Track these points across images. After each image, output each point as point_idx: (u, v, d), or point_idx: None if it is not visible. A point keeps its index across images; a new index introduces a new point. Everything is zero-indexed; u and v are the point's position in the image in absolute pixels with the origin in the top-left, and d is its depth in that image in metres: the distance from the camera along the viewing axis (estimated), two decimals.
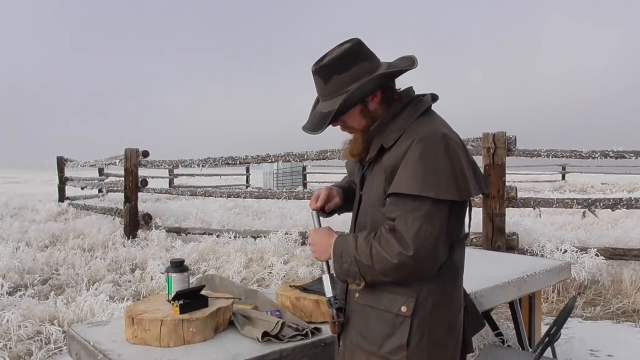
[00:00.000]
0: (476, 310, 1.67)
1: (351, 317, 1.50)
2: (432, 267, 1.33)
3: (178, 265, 1.92)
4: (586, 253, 4.93)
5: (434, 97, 1.48)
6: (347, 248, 1.40)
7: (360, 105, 1.43)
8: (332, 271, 1.51)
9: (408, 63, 1.43)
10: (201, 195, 8.26)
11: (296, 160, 6.59)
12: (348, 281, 1.44)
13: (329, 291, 1.52)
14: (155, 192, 8.66)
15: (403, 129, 1.39)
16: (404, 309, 1.37)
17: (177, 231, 7.50)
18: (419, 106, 1.43)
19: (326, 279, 1.54)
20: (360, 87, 1.39)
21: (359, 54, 1.41)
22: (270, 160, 6.74)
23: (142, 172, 8.22)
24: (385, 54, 1.57)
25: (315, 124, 1.45)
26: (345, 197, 1.67)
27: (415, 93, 1.49)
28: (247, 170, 20.63)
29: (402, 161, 1.33)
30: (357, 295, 1.46)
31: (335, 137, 1.60)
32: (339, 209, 1.69)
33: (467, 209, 1.46)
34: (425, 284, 1.37)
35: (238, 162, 6.97)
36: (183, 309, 1.79)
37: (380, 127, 1.44)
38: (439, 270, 1.36)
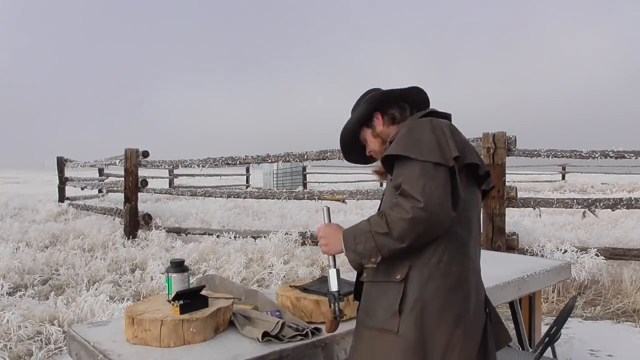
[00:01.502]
0: (501, 323, 1.65)
1: (360, 300, 1.59)
2: (444, 219, 1.39)
3: (178, 266, 1.92)
4: (586, 253, 4.93)
5: (445, 114, 1.65)
6: (359, 229, 1.46)
7: (368, 129, 1.71)
8: (338, 267, 1.58)
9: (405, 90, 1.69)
10: (201, 196, 8.26)
11: (296, 161, 6.59)
12: (363, 262, 1.46)
13: (334, 285, 1.53)
14: (155, 192, 8.66)
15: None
16: (398, 276, 1.45)
17: (177, 231, 7.50)
18: (419, 113, 1.63)
19: (332, 273, 1.55)
20: (356, 112, 1.71)
21: (368, 96, 1.73)
22: (270, 161, 6.74)
23: (142, 172, 8.22)
24: (387, 56, 1.47)
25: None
26: None
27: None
28: (247, 170, 20.63)
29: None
30: (364, 275, 1.54)
31: (335, 138, 1.72)
32: None
33: (458, 185, 1.45)
34: (421, 254, 1.44)
35: (238, 162, 6.97)
36: (183, 309, 1.79)
37: (391, 140, 1.59)
38: (436, 240, 1.43)
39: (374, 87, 1.75)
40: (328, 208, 1.66)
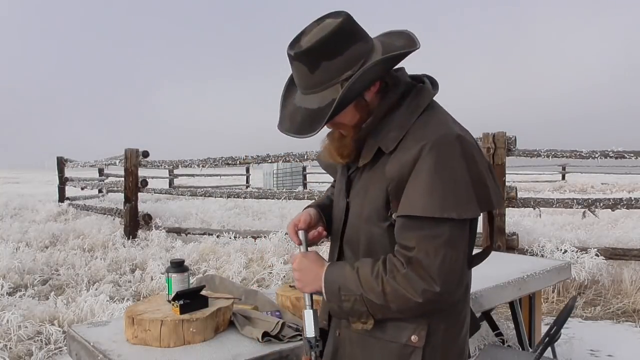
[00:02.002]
0: (473, 313, 1.52)
1: (344, 348, 1.26)
2: (457, 297, 1.16)
3: (178, 266, 1.92)
4: (586, 253, 4.93)
5: (434, 83, 1.23)
6: (347, 283, 1.15)
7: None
8: (315, 307, 1.29)
9: (409, 43, 1.16)
10: (201, 196, 8.27)
11: (296, 161, 6.59)
12: (350, 320, 1.20)
13: (310, 330, 1.24)
14: (155, 193, 8.66)
15: (405, 128, 1.14)
16: (414, 338, 1.16)
17: (177, 231, 7.50)
18: (422, 98, 1.18)
19: (309, 315, 1.25)
20: (362, 76, 1.11)
21: (352, 33, 1.13)
22: (270, 161, 6.74)
23: (142, 172, 8.22)
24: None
25: (304, 125, 1.15)
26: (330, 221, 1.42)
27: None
28: (247, 170, 20.63)
29: (413, 172, 1.09)
30: (355, 326, 1.22)
31: None
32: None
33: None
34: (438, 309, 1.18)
35: (238, 162, 6.97)
36: (183, 309, 1.79)
37: (373, 124, 1.18)
38: None
39: (341, 12, 1.14)
40: (304, 231, 1.30)
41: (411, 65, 1.25)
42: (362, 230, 1.21)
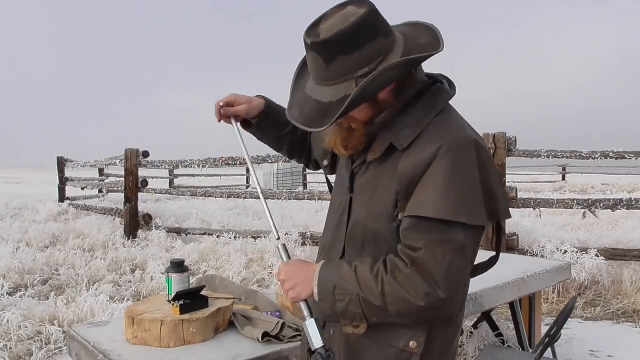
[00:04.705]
0: None
1: (336, 348, 1.19)
2: (460, 306, 1.13)
3: (178, 266, 1.92)
4: (586, 253, 4.92)
5: (451, 84, 1.18)
6: (342, 281, 1.08)
7: None
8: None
9: (433, 42, 1.09)
10: (201, 196, 8.26)
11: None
12: (342, 322, 1.11)
13: (317, 340, 1.11)
14: (155, 192, 8.66)
15: (420, 126, 1.10)
16: (412, 344, 1.11)
17: (177, 231, 7.49)
18: (439, 98, 1.14)
19: (311, 325, 1.12)
20: (378, 77, 1.04)
21: (373, 26, 1.05)
22: (270, 161, 6.73)
23: (142, 172, 8.22)
24: None
25: (314, 118, 1.10)
26: (268, 113, 1.44)
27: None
28: (247, 170, 20.62)
29: (426, 173, 1.05)
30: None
31: None
32: (253, 125, 1.46)
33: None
34: None
35: (238, 162, 6.97)
36: (183, 309, 1.79)
37: (387, 120, 1.13)
38: None
39: (366, 1, 1.06)
40: (284, 245, 1.25)
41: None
42: (368, 228, 1.15)
